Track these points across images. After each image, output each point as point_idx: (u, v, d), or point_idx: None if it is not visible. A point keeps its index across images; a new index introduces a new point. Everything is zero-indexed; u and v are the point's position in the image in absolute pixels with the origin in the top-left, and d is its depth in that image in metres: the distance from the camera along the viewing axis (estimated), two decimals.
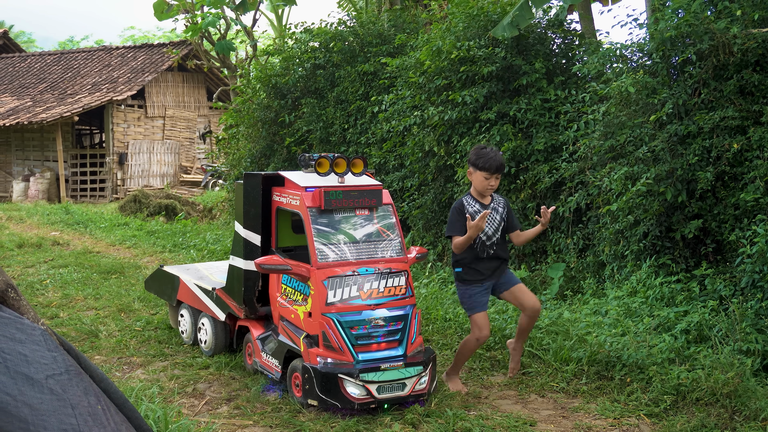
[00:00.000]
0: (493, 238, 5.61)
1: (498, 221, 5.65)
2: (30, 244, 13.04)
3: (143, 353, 6.77)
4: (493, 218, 5.63)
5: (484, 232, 5.53)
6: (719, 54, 6.79)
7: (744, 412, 4.92)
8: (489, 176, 5.52)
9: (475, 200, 5.65)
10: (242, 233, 6.05)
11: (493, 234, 5.61)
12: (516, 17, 8.63)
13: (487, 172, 5.51)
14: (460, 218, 5.50)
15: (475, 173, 5.58)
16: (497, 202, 5.73)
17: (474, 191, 5.67)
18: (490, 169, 5.50)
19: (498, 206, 5.70)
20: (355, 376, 5.06)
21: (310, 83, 13.20)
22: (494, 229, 5.62)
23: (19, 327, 1.84)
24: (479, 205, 5.62)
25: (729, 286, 6.30)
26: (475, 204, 5.63)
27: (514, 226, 5.78)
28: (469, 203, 5.63)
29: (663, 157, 6.98)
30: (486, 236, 5.57)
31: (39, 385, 1.69)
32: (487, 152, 5.54)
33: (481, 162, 5.51)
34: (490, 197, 5.70)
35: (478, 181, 5.58)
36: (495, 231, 5.63)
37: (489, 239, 5.58)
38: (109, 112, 24.85)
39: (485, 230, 5.55)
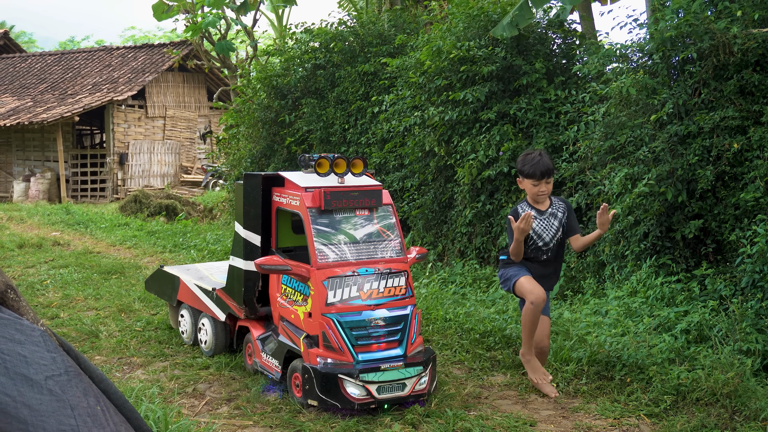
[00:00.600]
0: (550, 244, 5.38)
1: (556, 227, 5.41)
2: (30, 244, 13.05)
3: (143, 353, 6.77)
4: (551, 224, 5.39)
5: (540, 238, 5.34)
6: (719, 54, 6.79)
7: (744, 412, 4.91)
8: (537, 182, 5.30)
9: (531, 207, 5.43)
10: (242, 233, 6.05)
11: (550, 240, 5.37)
12: (516, 17, 8.63)
13: (533, 179, 5.30)
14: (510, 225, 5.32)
15: (524, 181, 5.38)
16: (557, 206, 5.46)
17: (529, 198, 5.47)
18: (536, 174, 5.28)
19: (557, 210, 5.44)
20: (355, 377, 5.06)
21: (310, 83, 13.21)
22: (551, 235, 5.38)
23: (19, 328, 1.84)
24: (535, 212, 5.40)
25: (729, 286, 6.30)
26: (530, 210, 5.39)
27: (573, 229, 5.50)
28: (524, 210, 5.38)
29: (663, 157, 6.98)
30: (543, 242, 5.36)
31: (38, 386, 1.69)
32: (533, 157, 5.31)
33: (527, 168, 5.31)
34: (549, 201, 5.46)
35: (527, 188, 5.38)
36: (552, 237, 5.39)
37: (546, 245, 5.37)
38: (109, 112, 24.86)
39: (542, 236, 5.35)
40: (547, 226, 5.38)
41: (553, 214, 5.42)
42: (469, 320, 6.93)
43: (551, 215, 5.41)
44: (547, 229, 5.38)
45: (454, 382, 5.88)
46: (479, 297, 7.88)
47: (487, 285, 8.48)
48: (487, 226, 9.24)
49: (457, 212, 9.62)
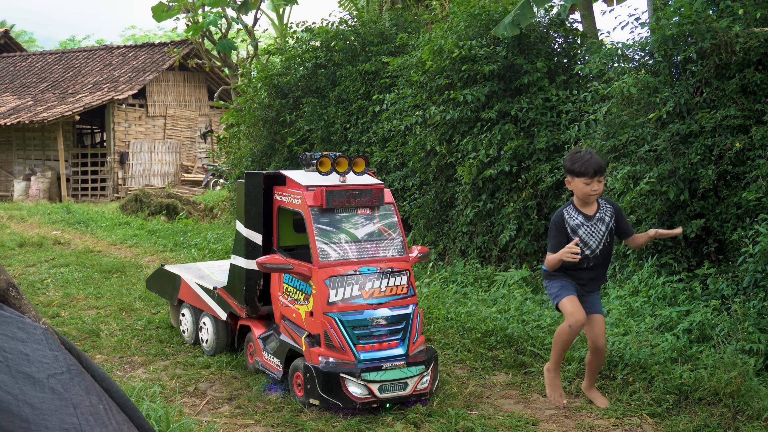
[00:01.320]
0: (596, 251, 5.10)
1: (603, 232, 5.11)
2: (31, 243, 13.04)
3: (144, 352, 6.76)
4: (598, 230, 5.10)
5: (587, 246, 5.06)
6: (721, 53, 6.77)
7: (747, 411, 4.90)
8: (590, 180, 4.97)
9: (578, 211, 5.10)
10: (244, 232, 6.04)
11: (596, 247, 5.09)
12: (517, 16, 8.62)
13: (586, 177, 4.97)
14: (559, 234, 5.07)
15: (574, 181, 5.05)
16: (604, 210, 5.14)
17: (576, 201, 5.13)
18: (588, 172, 4.96)
19: (605, 215, 5.13)
20: (357, 376, 5.05)
21: (311, 82, 13.20)
22: (598, 242, 5.10)
23: (21, 326, 1.83)
24: (582, 217, 5.08)
25: (731, 285, 6.29)
26: (577, 216, 5.09)
27: (627, 231, 5.21)
28: (570, 215, 5.09)
29: (665, 156, 6.97)
30: (590, 250, 5.08)
31: (40, 385, 1.69)
32: (582, 155, 5.03)
33: (578, 166, 5.00)
34: (596, 205, 5.13)
35: (578, 188, 5.04)
36: (599, 243, 5.10)
37: (592, 252, 5.09)
38: (110, 111, 24.85)
39: (588, 243, 5.07)
40: (594, 232, 5.09)
41: (600, 219, 5.10)
42: (471, 319, 6.92)
43: (599, 220, 5.09)
44: (594, 236, 5.09)
45: (455, 381, 5.87)
46: (481, 296, 7.87)
47: (489, 284, 8.47)
48: (489, 225, 9.23)
49: (458, 211, 9.61)
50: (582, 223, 5.08)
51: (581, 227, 5.07)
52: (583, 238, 5.07)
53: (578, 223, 5.08)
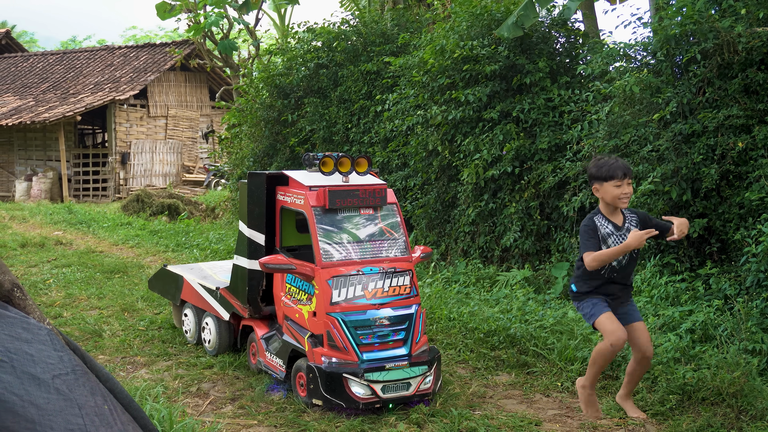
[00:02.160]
0: (623, 262, 4.95)
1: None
2: (33, 243, 13.04)
3: (147, 353, 6.76)
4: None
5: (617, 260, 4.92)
6: (724, 53, 6.77)
7: (750, 411, 4.90)
8: (620, 182, 4.83)
9: (607, 220, 4.94)
10: (246, 233, 6.04)
11: (623, 258, 4.94)
12: (521, 17, 8.61)
13: (615, 179, 4.83)
14: (594, 237, 4.87)
15: (603, 186, 4.89)
16: (630, 220, 4.99)
17: (603, 208, 4.97)
18: (617, 174, 4.83)
19: (632, 225, 4.96)
20: (360, 376, 5.05)
21: (313, 83, 13.19)
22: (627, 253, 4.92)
23: (26, 327, 1.83)
24: (612, 226, 4.91)
25: (734, 285, 6.29)
26: (607, 225, 4.92)
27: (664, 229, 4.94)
28: (601, 224, 4.92)
29: (668, 156, 6.97)
30: (616, 261, 4.93)
31: (45, 385, 1.68)
32: (607, 161, 4.92)
33: (605, 170, 4.87)
34: (622, 216, 4.98)
35: (609, 193, 4.87)
36: (626, 255, 4.93)
37: (619, 263, 4.94)
38: (111, 111, 24.86)
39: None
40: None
41: (628, 230, 4.92)
42: (473, 319, 6.92)
43: (628, 231, 4.90)
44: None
45: (458, 381, 5.87)
46: (483, 296, 7.86)
47: (491, 284, 8.46)
48: (491, 225, 9.22)
49: (460, 211, 9.61)
50: (612, 233, 4.90)
51: (611, 237, 4.89)
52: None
53: (609, 232, 4.90)
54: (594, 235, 4.87)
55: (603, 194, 4.91)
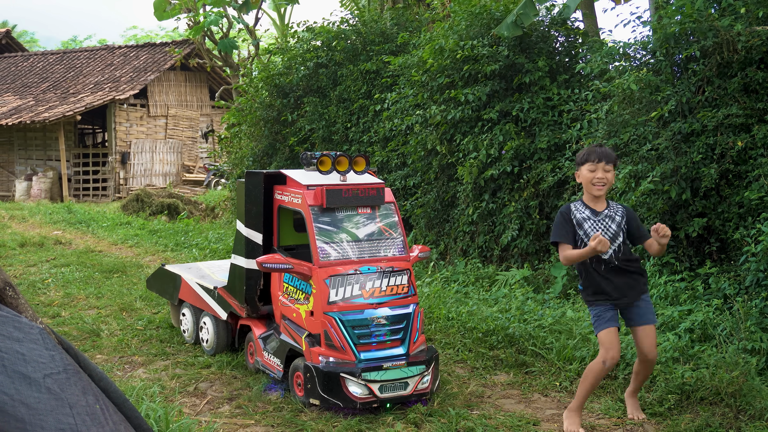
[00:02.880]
0: (610, 252, 4.76)
1: (614, 230, 4.78)
2: (32, 243, 13.04)
3: (145, 352, 6.75)
4: (607, 227, 4.78)
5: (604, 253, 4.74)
6: (723, 51, 6.76)
7: (749, 411, 4.89)
8: (594, 166, 4.73)
9: (585, 206, 4.84)
10: (244, 232, 6.03)
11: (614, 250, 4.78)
12: (520, 15, 8.60)
13: (589, 163, 4.74)
14: (566, 224, 4.78)
15: (580, 171, 4.82)
16: (614, 209, 4.85)
17: (585, 197, 4.88)
18: (591, 158, 4.73)
19: (615, 214, 4.83)
20: (358, 376, 5.03)
21: (312, 82, 13.19)
22: (608, 239, 4.70)
23: (17, 325, 1.82)
24: (589, 211, 4.81)
25: (733, 284, 6.27)
26: (584, 210, 4.82)
27: (641, 236, 4.86)
28: (577, 209, 4.84)
29: (667, 155, 6.95)
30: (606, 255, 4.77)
31: (37, 384, 1.67)
32: (591, 146, 4.84)
33: (582, 155, 4.81)
34: (606, 203, 4.87)
35: (584, 177, 4.80)
36: (610, 241, 4.73)
37: (605, 253, 4.75)
38: (111, 111, 24.85)
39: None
40: (602, 228, 4.77)
41: (610, 217, 4.80)
42: (472, 319, 6.91)
43: (608, 217, 4.80)
44: (603, 232, 4.75)
45: (456, 381, 5.86)
46: (482, 296, 7.85)
47: (490, 284, 8.45)
48: (490, 224, 9.21)
49: (459, 211, 9.59)
50: (588, 217, 4.79)
51: (587, 221, 4.78)
52: (589, 233, 4.75)
53: (584, 216, 4.80)
54: (566, 223, 4.78)
55: (581, 179, 4.85)
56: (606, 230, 4.77)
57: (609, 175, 4.75)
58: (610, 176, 4.77)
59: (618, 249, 4.79)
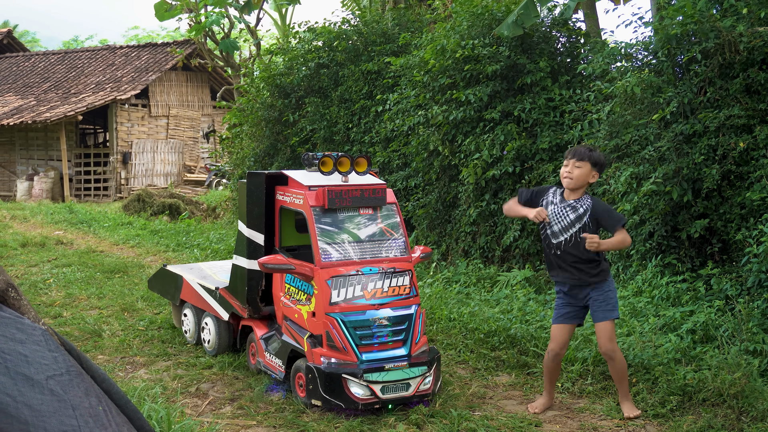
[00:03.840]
0: (560, 238, 5.01)
1: (570, 220, 4.99)
2: (33, 243, 13.04)
3: (146, 353, 6.75)
4: (564, 214, 5.01)
5: (549, 226, 5.04)
6: (725, 52, 6.75)
7: (751, 412, 4.88)
8: (567, 162, 5.02)
9: (560, 194, 5.12)
10: (246, 232, 6.03)
11: (559, 233, 5.02)
12: (521, 16, 8.60)
13: (565, 159, 5.07)
14: (535, 193, 5.19)
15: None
16: (582, 203, 5.03)
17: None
18: (567, 154, 5.08)
19: (579, 206, 5.02)
20: (359, 376, 5.03)
21: (313, 82, 13.19)
22: (561, 228, 5.00)
23: (20, 327, 1.82)
24: (560, 199, 5.08)
25: (735, 285, 6.27)
26: (555, 196, 5.12)
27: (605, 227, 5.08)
28: (554, 193, 5.15)
29: (669, 156, 6.95)
30: (551, 232, 5.05)
31: (39, 386, 1.67)
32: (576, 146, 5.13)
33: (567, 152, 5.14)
34: (579, 195, 5.07)
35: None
36: (563, 230, 5.00)
37: (555, 237, 5.04)
38: (112, 111, 24.85)
39: (551, 224, 5.04)
40: (560, 215, 5.01)
41: (572, 207, 5.00)
42: (474, 320, 6.91)
43: (570, 207, 5.00)
44: (558, 220, 5.00)
45: (458, 382, 5.86)
46: (483, 296, 7.85)
47: (492, 284, 8.45)
48: (492, 225, 9.21)
49: (461, 211, 9.59)
50: (553, 203, 5.09)
51: (550, 205, 5.09)
52: (550, 215, 5.06)
53: (550, 201, 5.11)
54: (536, 192, 5.19)
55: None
56: (563, 217, 5.03)
57: (577, 171, 4.99)
58: (578, 172, 4.99)
59: (569, 239, 5.01)
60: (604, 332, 5.02)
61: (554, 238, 5.04)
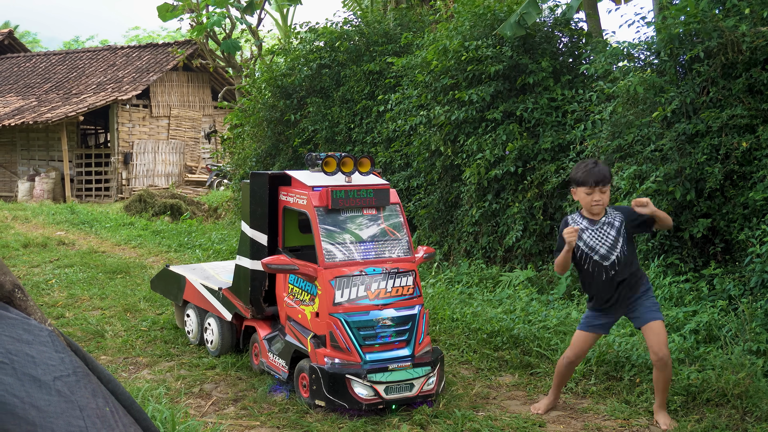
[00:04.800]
0: (611, 257, 4.80)
1: (613, 237, 4.81)
2: (35, 243, 13.04)
3: (149, 353, 6.75)
4: (606, 234, 4.81)
5: (594, 251, 4.81)
6: (728, 52, 6.74)
7: (755, 412, 4.87)
8: (590, 190, 4.76)
9: (582, 216, 4.91)
10: (249, 233, 6.03)
11: (608, 253, 4.80)
12: (524, 15, 8.59)
13: (586, 186, 4.77)
14: (559, 237, 4.87)
15: (577, 190, 4.86)
16: (612, 216, 4.87)
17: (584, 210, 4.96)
18: (588, 182, 4.75)
19: (614, 220, 4.85)
20: (363, 377, 5.03)
21: (315, 83, 13.18)
22: (608, 247, 4.80)
23: (26, 328, 1.81)
24: (587, 222, 4.87)
25: (738, 285, 6.26)
26: (581, 221, 4.90)
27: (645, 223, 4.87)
28: (575, 220, 4.93)
29: (671, 156, 6.94)
30: (599, 255, 4.81)
31: (46, 387, 1.67)
32: (586, 164, 4.83)
33: (579, 175, 4.81)
34: (604, 211, 4.88)
35: (581, 198, 4.85)
36: (610, 249, 4.80)
37: (604, 259, 4.81)
38: (114, 111, 24.86)
39: (595, 249, 4.81)
40: (602, 236, 4.81)
41: (609, 224, 4.83)
42: (476, 320, 6.90)
43: (606, 224, 4.83)
44: (602, 240, 4.81)
45: (461, 382, 5.85)
46: (486, 297, 7.84)
47: (494, 285, 8.44)
48: (494, 225, 9.20)
49: (463, 211, 9.59)
50: (587, 228, 4.86)
51: (585, 231, 4.85)
52: (589, 243, 4.84)
53: (583, 227, 4.87)
54: (560, 238, 4.83)
55: (578, 198, 4.92)
56: (605, 237, 4.82)
57: (605, 196, 4.81)
58: (606, 197, 4.82)
59: (621, 256, 4.82)
60: (659, 335, 4.76)
61: (605, 261, 4.81)
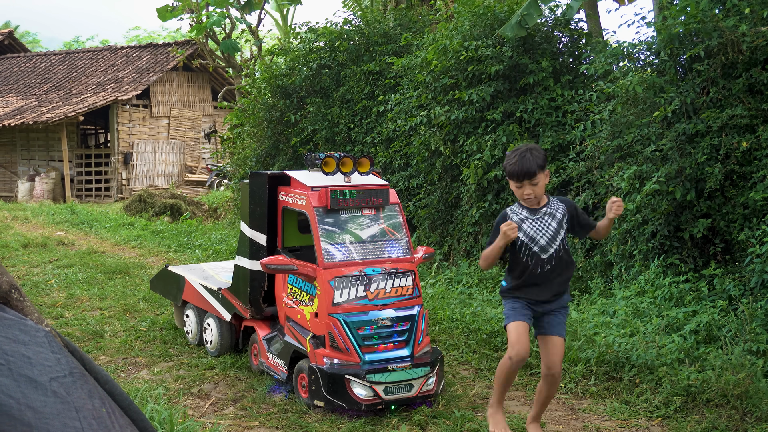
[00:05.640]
0: (550, 250, 4.48)
1: (554, 228, 4.49)
2: (35, 243, 13.03)
3: (148, 354, 6.74)
4: (547, 224, 4.49)
5: (534, 242, 4.47)
6: (728, 52, 6.74)
7: (755, 413, 4.86)
8: (520, 184, 4.44)
9: (522, 207, 4.57)
10: (248, 233, 6.02)
11: (548, 244, 4.48)
12: (524, 16, 8.58)
13: (514, 180, 4.47)
14: (494, 228, 4.54)
15: (510, 182, 4.57)
16: (554, 206, 4.56)
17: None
18: (513, 175, 4.43)
19: (556, 211, 4.54)
20: (362, 377, 5.02)
21: (315, 83, 13.18)
22: (549, 239, 4.48)
23: (23, 329, 1.81)
24: (527, 211, 4.54)
25: (738, 285, 6.25)
26: (521, 211, 4.56)
27: (588, 225, 4.63)
28: (514, 211, 4.58)
29: (671, 156, 6.93)
30: (538, 246, 4.47)
31: (43, 388, 1.66)
32: (515, 155, 4.45)
33: (508, 168, 4.48)
34: (546, 199, 4.58)
35: (513, 191, 4.56)
36: (551, 241, 4.48)
37: (544, 251, 4.48)
38: (114, 111, 24.85)
39: (536, 239, 4.47)
40: (542, 226, 4.50)
41: (550, 214, 4.52)
42: (476, 320, 6.90)
43: (547, 215, 4.52)
44: (542, 231, 4.49)
45: (461, 382, 5.84)
46: (486, 297, 7.84)
47: (494, 285, 8.44)
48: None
49: (463, 212, 9.58)
50: (526, 217, 4.51)
51: (525, 221, 4.50)
52: (529, 233, 4.49)
53: (522, 217, 4.52)
54: (496, 229, 4.50)
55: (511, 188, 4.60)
56: (546, 228, 4.50)
57: (537, 188, 4.44)
58: (538, 188, 4.45)
59: (559, 248, 4.52)
60: (559, 353, 4.54)
61: (544, 253, 4.48)
